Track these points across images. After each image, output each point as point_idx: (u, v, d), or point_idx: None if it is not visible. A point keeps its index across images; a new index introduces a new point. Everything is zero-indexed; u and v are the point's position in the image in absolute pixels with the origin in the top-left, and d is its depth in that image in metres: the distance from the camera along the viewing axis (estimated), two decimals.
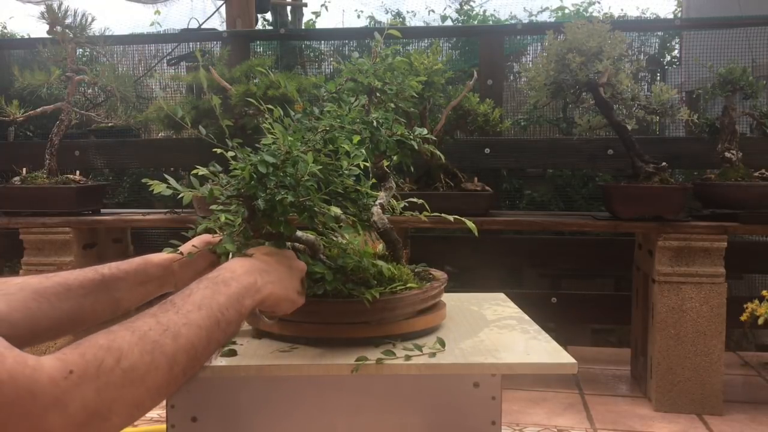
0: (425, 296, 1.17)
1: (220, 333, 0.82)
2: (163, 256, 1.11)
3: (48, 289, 0.97)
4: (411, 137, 1.17)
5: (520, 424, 2.41)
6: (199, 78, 2.73)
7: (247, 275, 0.90)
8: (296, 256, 1.06)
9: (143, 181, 1.13)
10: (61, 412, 0.62)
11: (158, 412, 2.47)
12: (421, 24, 6.65)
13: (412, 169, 1.23)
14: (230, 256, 1.02)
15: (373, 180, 1.21)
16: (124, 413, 0.69)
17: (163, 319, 0.76)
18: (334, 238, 1.18)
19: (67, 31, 2.75)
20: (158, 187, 1.05)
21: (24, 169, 2.85)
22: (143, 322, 0.75)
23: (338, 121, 1.08)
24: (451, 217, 1.26)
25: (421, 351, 1.07)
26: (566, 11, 6.31)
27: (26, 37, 4.55)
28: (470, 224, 1.23)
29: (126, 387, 0.69)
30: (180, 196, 1.06)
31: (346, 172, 1.05)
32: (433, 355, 1.06)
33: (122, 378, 0.68)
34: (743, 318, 1.92)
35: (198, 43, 3.67)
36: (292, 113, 1.11)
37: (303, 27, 6.14)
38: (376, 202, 1.21)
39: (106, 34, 3.15)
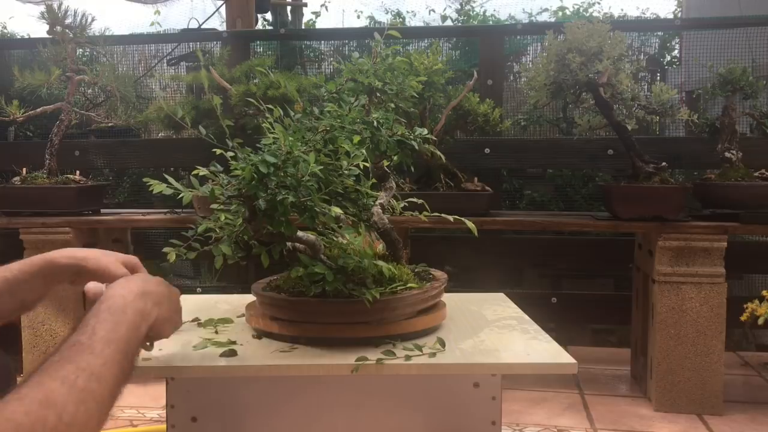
0: (425, 296, 1.17)
1: (128, 364, 0.85)
2: (66, 254, 1.14)
3: None
4: (411, 137, 1.17)
5: (520, 424, 2.41)
6: (199, 78, 2.73)
7: (136, 300, 0.93)
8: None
9: (144, 180, 1.13)
10: None
11: (158, 412, 2.47)
12: (421, 24, 6.65)
13: (413, 169, 1.23)
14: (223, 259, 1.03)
15: (373, 180, 1.21)
16: None
17: (83, 364, 0.79)
18: (335, 239, 1.18)
19: (67, 31, 2.75)
20: (158, 187, 1.05)
21: (24, 169, 2.85)
22: (66, 370, 0.77)
23: (338, 121, 1.08)
24: (451, 217, 1.26)
25: (421, 351, 1.07)
26: (566, 12, 6.31)
27: (26, 37, 4.55)
28: (470, 224, 1.23)
29: None
30: (180, 196, 1.06)
31: (346, 172, 1.05)
32: (433, 355, 1.06)
33: None
34: (743, 318, 1.92)
35: (198, 43, 3.66)
36: (292, 113, 1.11)
37: (303, 27, 6.14)
38: (376, 203, 1.21)
39: (106, 34, 3.15)
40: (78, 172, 2.93)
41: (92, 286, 1.07)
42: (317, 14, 7.08)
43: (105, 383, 0.79)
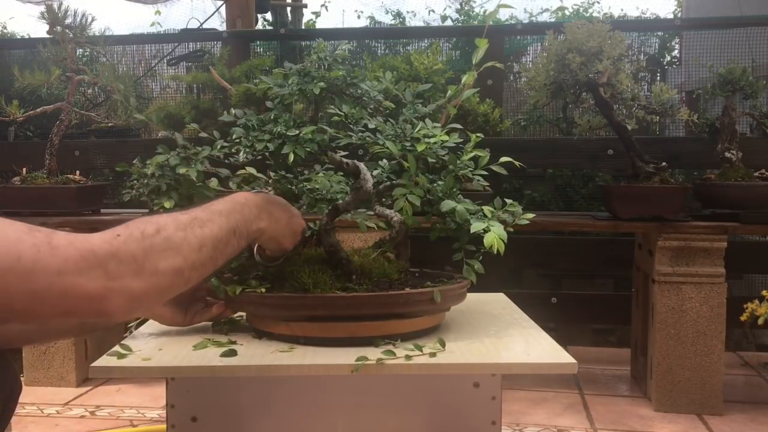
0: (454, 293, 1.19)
1: (234, 240, 0.96)
2: None
3: None
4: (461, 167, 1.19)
5: (520, 424, 2.41)
6: (199, 78, 2.73)
7: (255, 207, 1.04)
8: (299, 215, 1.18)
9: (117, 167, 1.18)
10: (117, 262, 0.76)
11: (158, 412, 2.47)
12: (421, 24, 6.66)
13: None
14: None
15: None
16: (167, 273, 0.82)
17: (192, 213, 0.92)
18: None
19: (67, 31, 2.75)
20: (168, 203, 1.11)
21: (24, 169, 2.85)
22: (177, 213, 0.90)
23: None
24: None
25: (421, 351, 1.07)
26: (566, 12, 6.31)
27: (26, 37, 4.55)
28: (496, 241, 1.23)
29: (166, 251, 0.82)
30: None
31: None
32: (433, 355, 1.06)
33: (162, 243, 0.82)
34: (743, 318, 1.91)
35: (198, 43, 3.66)
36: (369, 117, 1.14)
37: (303, 27, 6.14)
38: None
39: (106, 34, 3.14)
40: (78, 172, 2.93)
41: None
42: (317, 14, 7.08)
43: (207, 232, 0.90)
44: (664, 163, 2.56)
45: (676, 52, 4.45)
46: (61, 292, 0.71)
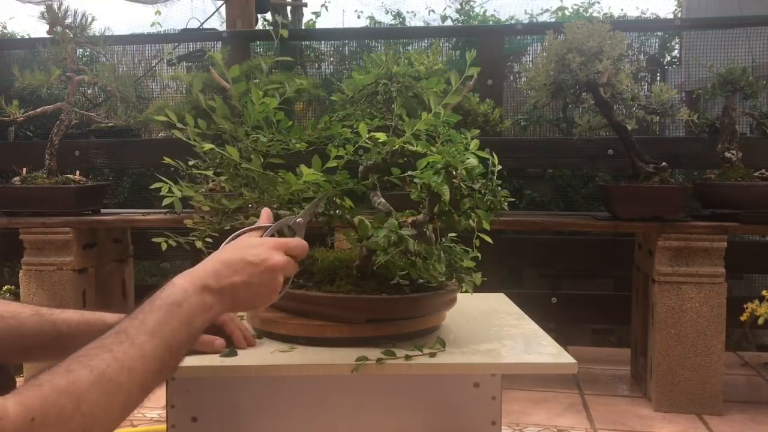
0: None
1: (172, 359, 0.84)
2: (117, 316, 1.09)
3: (1, 331, 0.99)
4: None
5: (520, 424, 2.41)
6: (198, 78, 2.73)
7: (197, 293, 0.88)
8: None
9: (155, 186, 1.14)
10: None
11: (158, 412, 2.47)
12: (421, 24, 6.66)
13: None
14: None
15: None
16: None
17: (119, 354, 0.77)
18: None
19: (67, 31, 2.75)
20: (169, 199, 1.07)
21: (24, 169, 2.85)
22: (100, 359, 0.75)
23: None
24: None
25: (421, 351, 1.07)
26: (566, 12, 6.31)
27: (26, 37, 4.55)
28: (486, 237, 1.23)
29: (85, 428, 0.72)
30: (182, 195, 1.06)
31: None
32: (433, 355, 1.06)
33: (81, 422, 0.71)
34: (743, 318, 1.92)
35: (198, 43, 3.66)
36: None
37: (303, 27, 6.14)
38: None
39: (106, 34, 3.14)
40: (78, 172, 2.93)
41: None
42: (317, 14, 7.08)
43: (137, 376, 0.77)
44: (664, 163, 2.56)
45: (676, 52, 4.45)
46: None
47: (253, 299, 0.94)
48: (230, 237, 0.99)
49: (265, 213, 1.05)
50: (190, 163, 1.26)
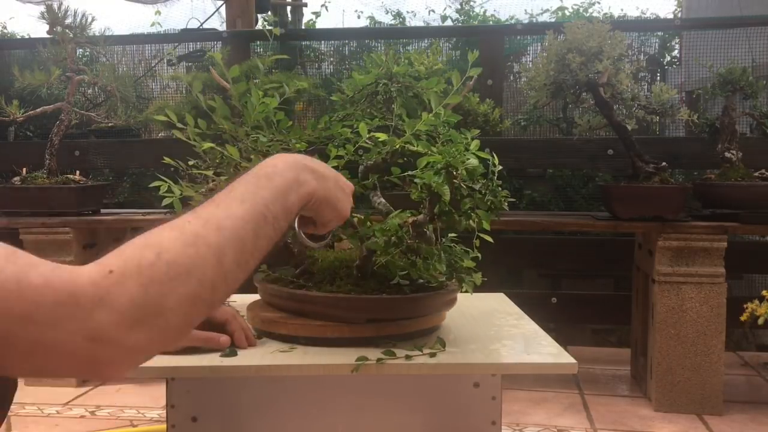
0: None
1: (268, 227, 0.77)
2: None
3: None
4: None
5: (520, 425, 2.41)
6: (198, 78, 2.73)
7: (290, 170, 0.83)
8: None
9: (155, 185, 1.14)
10: (108, 310, 0.60)
11: (158, 412, 2.47)
12: (421, 24, 6.66)
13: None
14: None
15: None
16: (179, 308, 0.65)
17: (203, 213, 0.72)
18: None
19: (67, 31, 2.75)
20: (169, 199, 1.06)
21: (24, 169, 2.85)
22: (182, 218, 0.71)
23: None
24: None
25: (421, 351, 1.07)
26: (566, 12, 6.31)
27: (26, 37, 4.55)
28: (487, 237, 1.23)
29: (173, 280, 0.65)
30: (181, 195, 1.06)
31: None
32: (433, 355, 1.06)
33: (166, 271, 0.65)
34: (743, 318, 1.91)
35: (198, 43, 3.66)
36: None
37: (303, 27, 6.14)
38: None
39: (106, 34, 3.15)
40: (78, 172, 2.93)
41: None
42: (317, 14, 7.08)
43: (226, 235, 0.70)
44: (664, 163, 2.56)
45: (676, 52, 4.45)
46: (29, 346, 0.57)
47: (339, 200, 0.91)
48: None
49: None
50: (190, 163, 1.26)
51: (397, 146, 1.12)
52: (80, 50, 3.28)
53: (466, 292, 1.15)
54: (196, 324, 0.68)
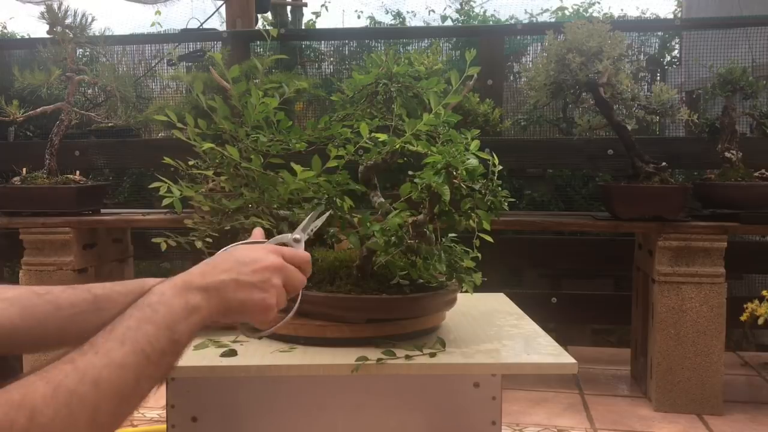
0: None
1: (150, 368, 0.74)
2: (158, 280, 1.10)
3: (37, 307, 0.95)
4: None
5: (520, 425, 2.41)
6: (199, 79, 2.73)
7: (176, 296, 0.79)
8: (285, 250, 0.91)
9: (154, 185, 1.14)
10: None
11: (158, 412, 2.47)
12: (421, 24, 6.66)
13: None
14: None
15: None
16: None
17: (81, 364, 0.69)
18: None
19: (67, 31, 2.75)
20: (168, 199, 1.05)
21: (24, 169, 2.85)
22: (59, 370, 0.69)
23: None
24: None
25: (421, 351, 1.07)
26: (566, 12, 6.32)
27: (26, 37, 4.55)
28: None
29: None
30: (181, 196, 1.06)
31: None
32: (433, 355, 1.06)
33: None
34: (743, 318, 1.91)
35: (198, 43, 3.66)
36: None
37: (303, 27, 6.14)
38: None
39: (106, 34, 3.15)
40: (78, 172, 2.93)
41: None
42: (317, 14, 7.08)
43: (103, 388, 0.69)
44: (664, 163, 2.56)
45: (676, 52, 4.45)
46: None
47: (245, 303, 0.84)
48: (220, 251, 0.91)
49: (258, 231, 0.99)
50: (190, 163, 1.26)
51: (397, 146, 1.12)
52: (80, 50, 3.27)
53: (466, 292, 1.15)
54: None
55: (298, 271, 0.90)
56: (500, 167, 1.10)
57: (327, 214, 1.03)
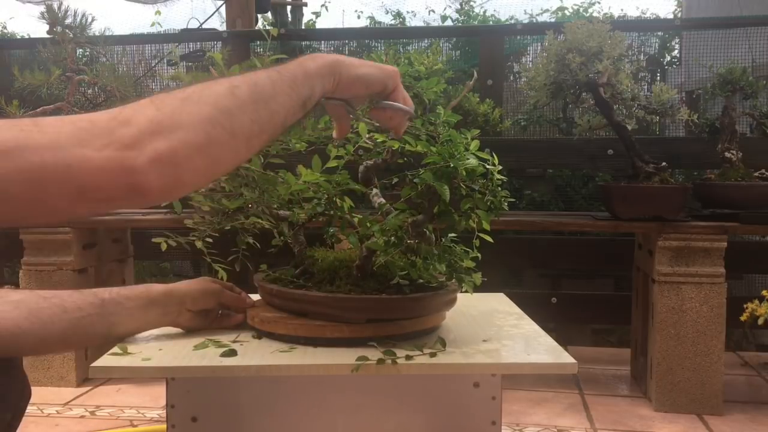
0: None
1: (283, 84, 0.77)
2: (164, 285, 1.15)
3: (43, 310, 0.97)
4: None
5: (520, 425, 2.41)
6: (199, 78, 2.73)
7: (292, 63, 0.83)
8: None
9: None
10: (126, 127, 0.64)
11: (158, 412, 2.47)
12: (421, 24, 6.66)
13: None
14: None
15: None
16: (197, 126, 0.68)
17: (198, 87, 0.74)
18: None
19: (67, 31, 2.75)
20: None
21: None
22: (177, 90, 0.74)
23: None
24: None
25: (421, 351, 1.07)
26: (566, 12, 6.32)
27: (26, 37, 4.55)
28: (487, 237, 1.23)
29: (186, 104, 0.69)
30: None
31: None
32: (433, 355, 1.06)
33: (177, 98, 0.70)
34: (743, 318, 1.92)
35: (198, 43, 3.66)
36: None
37: (303, 27, 6.14)
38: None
39: (106, 34, 3.14)
40: None
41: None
42: (317, 14, 7.09)
43: (238, 78, 0.74)
44: (664, 163, 2.56)
45: (676, 52, 4.45)
46: (64, 169, 0.60)
47: (362, 63, 0.89)
48: None
49: None
50: None
51: (397, 146, 1.12)
52: (80, 50, 3.27)
53: (466, 292, 1.15)
54: (224, 157, 0.70)
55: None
56: (500, 167, 1.10)
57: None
